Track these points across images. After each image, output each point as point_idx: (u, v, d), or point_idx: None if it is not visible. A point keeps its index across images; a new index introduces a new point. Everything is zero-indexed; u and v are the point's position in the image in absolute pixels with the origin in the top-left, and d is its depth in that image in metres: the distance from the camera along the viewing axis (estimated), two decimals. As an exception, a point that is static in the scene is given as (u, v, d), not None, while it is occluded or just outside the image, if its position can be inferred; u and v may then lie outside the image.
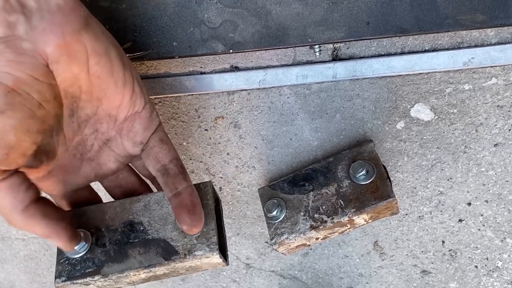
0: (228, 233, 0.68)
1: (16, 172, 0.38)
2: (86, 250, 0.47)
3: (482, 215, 0.62)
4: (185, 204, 0.45)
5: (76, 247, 0.46)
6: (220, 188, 0.66)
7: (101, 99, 0.43)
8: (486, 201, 0.61)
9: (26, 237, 0.74)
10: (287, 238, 0.57)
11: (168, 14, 0.53)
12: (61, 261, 0.47)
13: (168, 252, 0.46)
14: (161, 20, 0.53)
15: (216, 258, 0.46)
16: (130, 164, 0.53)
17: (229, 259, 0.55)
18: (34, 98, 0.37)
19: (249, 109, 0.61)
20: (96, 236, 0.48)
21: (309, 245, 0.59)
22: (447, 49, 0.55)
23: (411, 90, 0.58)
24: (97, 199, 0.52)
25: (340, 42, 0.55)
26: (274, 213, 0.58)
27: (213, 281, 0.71)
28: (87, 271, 0.46)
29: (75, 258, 0.47)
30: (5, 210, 0.39)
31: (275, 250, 0.59)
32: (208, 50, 0.54)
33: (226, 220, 0.68)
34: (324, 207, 0.56)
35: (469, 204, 0.62)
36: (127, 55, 0.55)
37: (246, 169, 0.65)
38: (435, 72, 0.56)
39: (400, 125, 0.59)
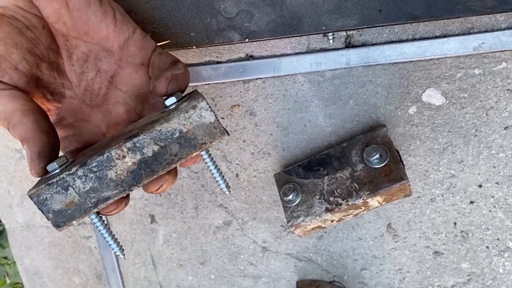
0: (245, 217, 0.71)
1: (15, 88, 0.41)
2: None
3: (493, 197, 0.63)
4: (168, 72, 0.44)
5: (55, 162, 0.39)
6: (237, 175, 0.68)
7: (88, 33, 0.46)
8: (497, 183, 0.63)
9: (50, 224, 0.76)
10: (303, 220, 0.59)
11: (186, 6, 0.54)
12: (40, 180, 0.41)
13: (151, 122, 0.40)
14: (179, 12, 0.55)
15: (205, 111, 0.39)
16: None
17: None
18: (20, 21, 0.43)
19: (264, 97, 0.63)
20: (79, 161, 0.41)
21: (324, 227, 0.61)
22: (458, 34, 0.57)
23: (423, 75, 0.59)
24: None
25: (353, 30, 0.56)
26: (290, 197, 0.60)
27: (231, 264, 0.74)
28: (64, 171, 0.39)
29: (56, 173, 0.40)
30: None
31: (292, 232, 0.61)
32: (224, 40, 0.55)
33: (242, 205, 0.70)
34: (338, 190, 0.58)
35: (480, 186, 0.63)
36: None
37: (262, 156, 0.66)
38: (446, 57, 0.58)
39: (412, 110, 0.61)
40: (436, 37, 0.57)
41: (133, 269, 0.78)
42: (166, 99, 0.41)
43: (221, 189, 0.45)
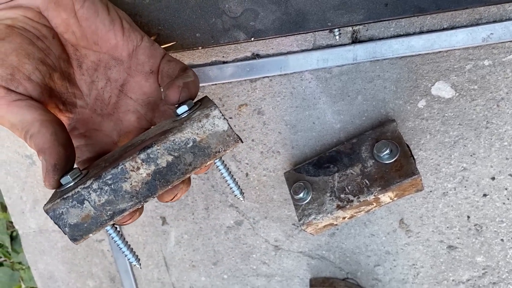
0: (256, 216, 0.70)
1: (31, 98, 0.41)
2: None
3: (506, 189, 0.63)
4: (183, 70, 0.45)
5: (69, 175, 0.40)
6: (247, 174, 0.68)
7: (97, 42, 0.46)
8: (510, 175, 0.62)
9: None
10: (315, 218, 0.58)
11: (190, 7, 0.54)
12: (55, 193, 0.41)
13: (164, 133, 0.40)
14: (184, 13, 0.54)
15: (218, 119, 0.39)
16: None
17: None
18: (30, 31, 0.43)
19: (272, 96, 0.63)
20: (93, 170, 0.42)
21: (336, 224, 0.61)
22: (466, 26, 0.56)
23: (431, 68, 0.58)
24: None
25: (360, 25, 0.56)
26: (301, 195, 0.59)
27: (244, 263, 0.74)
28: (78, 184, 0.39)
29: (70, 186, 0.40)
30: (15, 127, 0.40)
31: (303, 230, 0.61)
32: (230, 39, 0.55)
33: (253, 205, 0.70)
34: (349, 187, 0.58)
35: (493, 178, 0.63)
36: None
37: (271, 154, 0.66)
38: (454, 49, 0.57)
39: (421, 103, 0.60)
40: (444, 29, 0.56)
41: (146, 271, 0.78)
42: (177, 107, 0.41)
43: (235, 195, 0.46)
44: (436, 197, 0.65)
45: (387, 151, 0.56)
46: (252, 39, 0.55)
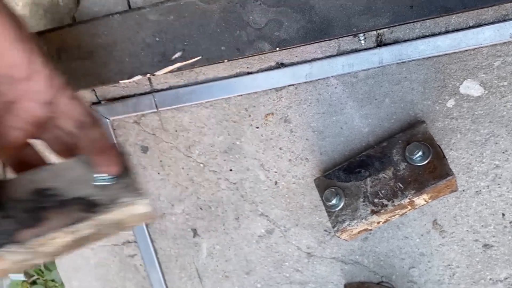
0: (287, 224, 0.70)
1: None
2: None
3: (541, 185, 0.62)
4: (101, 146, 0.45)
5: None
6: (276, 182, 0.68)
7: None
8: (545, 170, 0.61)
9: (95, 245, 0.78)
10: (349, 224, 0.58)
11: (214, 21, 0.54)
12: None
13: (90, 206, 0.41)
14: (208, 27, 0.55)
15: (144, 205, 0.42)
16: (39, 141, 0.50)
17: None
18: None
19: (298, 103, 0.63)
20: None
21: (371, 229, 0.60)
22: (492, 23, 0.55)
23: (459, 67, 0.58)
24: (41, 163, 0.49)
25: (385, 28, 0.55)
26: (333, 201, 0.59)
27: (277, 272, 0.73)
28: None
29: None
30: None
31: (338, 237, 0.60)
32: (255, 51, 0.55)
33: (284, 213, 0.70)
34: (383, 191, 0.57)
35: (527, 174, 0.62)
36: (177, 64, 0.57)
37: (300, 162, 0.66)
38: (482, 47, 0.56)
39: (450, 103, 0.60)
40: (470, 28, 0.56)
41: (179, 284, 0.78)
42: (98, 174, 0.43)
43: None
44: (469, 196, 0.64)
45: (420, 153, 0.55)
46: (277, 49, 0.55)
